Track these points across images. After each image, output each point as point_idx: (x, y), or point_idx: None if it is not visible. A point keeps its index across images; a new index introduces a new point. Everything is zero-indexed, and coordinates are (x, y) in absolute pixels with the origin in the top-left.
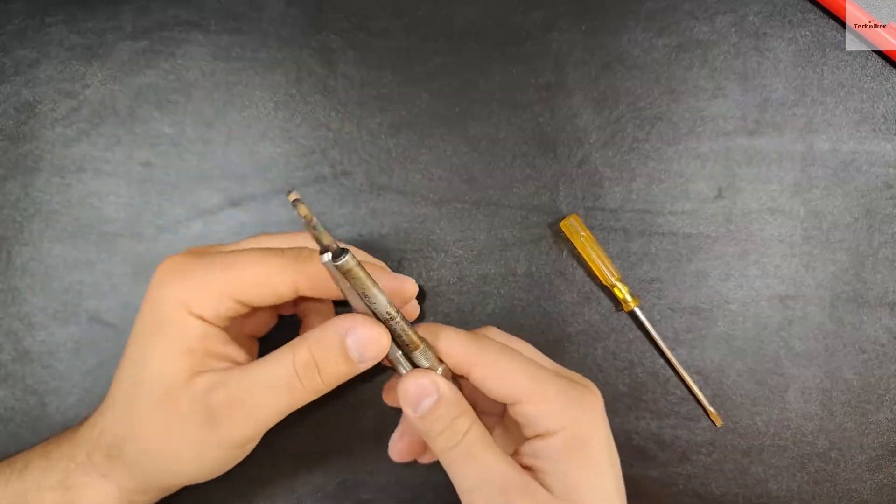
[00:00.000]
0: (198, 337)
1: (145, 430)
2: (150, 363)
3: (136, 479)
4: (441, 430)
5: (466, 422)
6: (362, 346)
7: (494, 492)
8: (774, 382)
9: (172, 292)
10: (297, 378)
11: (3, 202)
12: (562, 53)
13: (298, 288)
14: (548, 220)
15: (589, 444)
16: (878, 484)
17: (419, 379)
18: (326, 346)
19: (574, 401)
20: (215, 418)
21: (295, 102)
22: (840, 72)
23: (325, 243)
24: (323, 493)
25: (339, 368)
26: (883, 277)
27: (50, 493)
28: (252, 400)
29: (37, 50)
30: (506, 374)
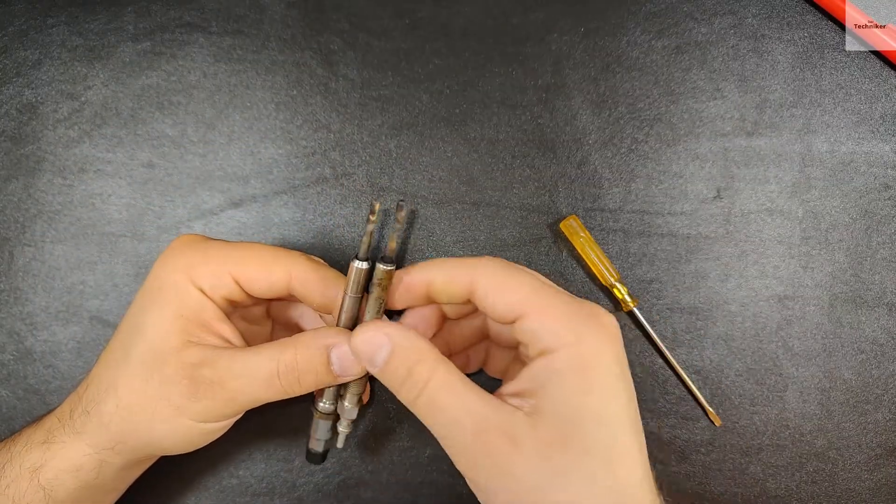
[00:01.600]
0: (194, 306)
1: (128, 386)
2: (145, 323)
3: (109, 435)
4: (402, 381)
5: (426, 368)
6: (345, 363)
7: (467, 436)
8: (773, 382)
9: (177, 261)
10: (277, 377)
11: (6, 203)
12: (561, 55)
13: (292, 281)
14: (547, 220)
15: (595, 365)
16: (876, 483)
17: (367, 333)
18: (311, 356)
19: (581, 318)
20: (197, 391)
21: (296, 104)
22: (838, 73)
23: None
24: (323, 493)
25: (319, 378)
26: (881, 278)
27: (35, 449)
28: (233, 385)
29: (39, 51)
30: (507, 288)
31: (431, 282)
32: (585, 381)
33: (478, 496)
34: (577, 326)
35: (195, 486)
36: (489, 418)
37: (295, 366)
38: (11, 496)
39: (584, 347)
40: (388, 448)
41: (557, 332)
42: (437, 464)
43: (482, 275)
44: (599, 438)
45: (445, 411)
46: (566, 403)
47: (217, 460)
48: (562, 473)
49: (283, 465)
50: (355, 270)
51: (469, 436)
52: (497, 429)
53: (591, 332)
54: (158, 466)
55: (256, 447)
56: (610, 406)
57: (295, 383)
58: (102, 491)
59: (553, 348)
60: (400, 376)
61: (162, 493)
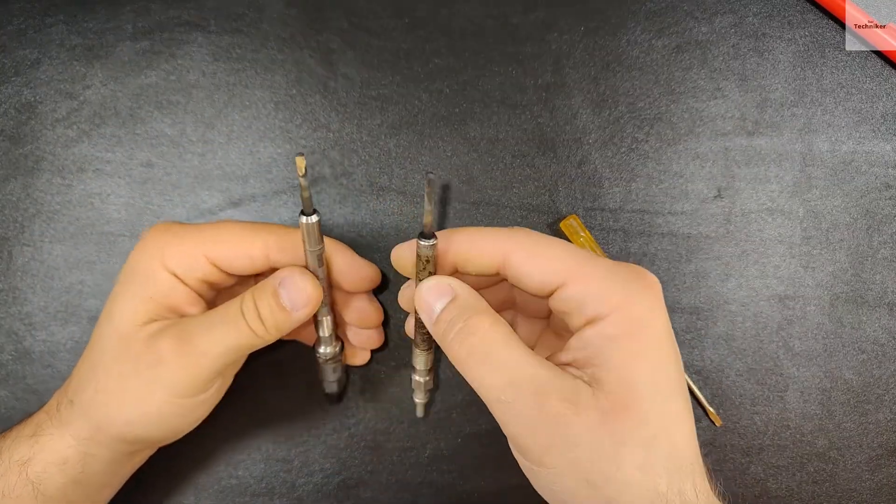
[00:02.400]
0: (163, 289)
1: (102, 373)
2: (116, 310)
3: (90, 426)
4: (458, 331)
5: (486, 320)
6: (292, 295)
7: (527, 396)
8: (774, 382)
9: (151, 246)
10: (242, 317)
11: (4, 202)
12: (561, 54)
13: (270, 254)
14: (547, 220)
15: (647, 327)
16: (877, 483)
17: (431, 282)
18: (264, 293)
19: (627, 279)
20: (161, 360)
21: (295, 103)
22: (839, 72)
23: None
24: (323, 493)
25: (276, 315)
26: (882, 277)
27: (24, 443)
28: (199, 338)
29: (37, 50)
30: (546, 256)
31: (461, 252)
32: (639, 346)
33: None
34: (624, 287)
35: (195, 487)
36: (551, 382)
37: (254, 305)
38: (1, 490)
39: (634, 310)
40: (388, 448)
41: (604, 297)
42: (437, 464)
43: (516, 245)
44: (656, 406)
45: (502, 370)
46: (622, 370)
47: (216, 461)
48: (621, 441)
49: (283, 465)
50: (306, 226)
51: (529, 399)
52: (559, 394)
53: (639, 292)
54: (158, 467)
55: (256, 447)
56: (663, 372)
57: (257, 321)
58: (91, 487)
59: (602, 314)
60: (456, 326)
61: (161, 494)
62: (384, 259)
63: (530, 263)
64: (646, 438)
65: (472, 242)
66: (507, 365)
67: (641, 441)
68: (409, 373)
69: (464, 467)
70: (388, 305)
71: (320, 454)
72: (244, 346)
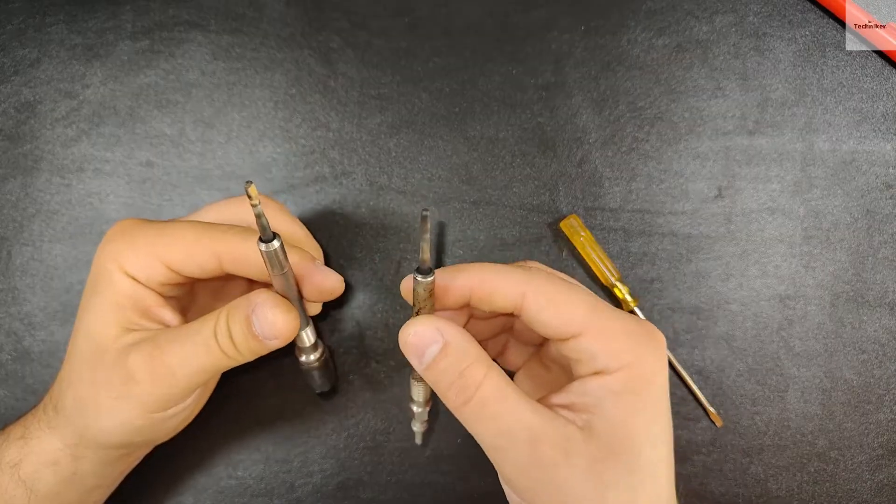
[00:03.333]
0: (128, 294)
1: (78, 381)
2: (87, 317)
3: (73, 431)
4: (450, 382)
5: (479, 371)
6: (264, 326)
7: (521, 444)
8: (774, 382)
9: (110, 251)
10: (215, 339)
11: (4, 202)
12: (562, 53)
13: (222, 262)
14: (547, 219)
15: (650, 387)
16: (877, 484)
17: (419, 326)
18: (237, 320)
19: (639, 339)
20: (134, 375)
21: (295, 102)
22: (840, 72)
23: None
24: (322, 493)
25: (249, 342)
26: (883, 277)
27: (14, 445)
28: (170, 358)
29: (37, 50)
30: (565, 304)
31: (477, 289)
32: (639, 402)
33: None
34: (636, 347)
35: (194, 487)
36: (543, 430)
37: (226, 327)
38: None
39: (641, 369)
40: (388, 448)
41: (617, 354)
42: (437, 464)
43: (536, 290)
44: (646, 455)
45: (497, 420)
46: (620, 422)
47: (216, 461)
48: (608, 486)
49: (282, 465)
50: (265, 254)
51: (523, 446)
52: (551, 441)
53: (649, 353)
54: (158, 467)
55: (255, 448)
56: (656, 425)
57: (230, 346)
58: (84, 487)
59: (610, 369)
60: (449, 377)
61: (161, 494)
62: (383, 259)
63: (549, 310)
64: (631, 484)
65: (491, 281)
66: (503, 414)
67: (627, 486)
68: (409, 373)
69: (464, 467)
70: (387, 307)
71: (319, 455)
72: (216, 366)
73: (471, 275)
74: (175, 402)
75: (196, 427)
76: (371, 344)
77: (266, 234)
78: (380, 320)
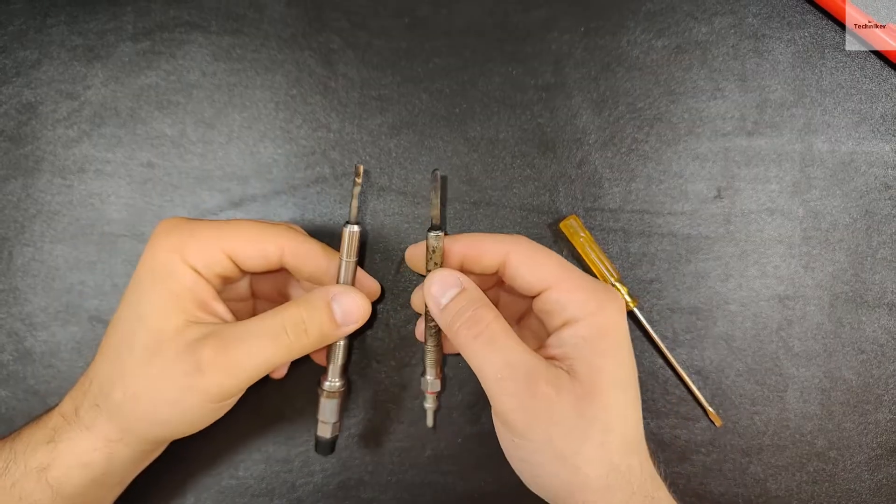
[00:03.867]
0: (189, 286)
1: (133, 374)
2: (143, 309)
3: (119, 427)
4: (464, 319)
5: (490, 312)
6: (346, 308)
7: (520, 378)
8: (773, 382)
9: (168, 242)
10: (285, 331)
11: (5, 203)
12: (561, 54)
13: (284, 254)
14: (547, 220)
15: (612, 332)
16: (876, 483)
17: (442, 273)
18: (314, 307)
19: (599, 291)
20: (201, 366)
21: (295, 103)
22: (839, 73)
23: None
24: (323, 493)
25: (324, 328)
26: (881, 278)
27: (40, 449)
28: (239, 350)
29: (38, 51)
30: (539, 262)
31: (467, 251)
32: (606, 346)
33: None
34: (598, 298)
35: (195, 487)
36: (540, 368)
37: (301, 319)
38: (18, 494)
39: (604, 317)
40: (388, 448)
41: (581, 303)
42: (437, 464)
43: (515, 250)
44: (615, 395)
45: (503, 352)
46: (592, 364)
47: (217, 461)
48: (589, 422)
49: (283, 465)
50: (349, 234)
51: (522, 379)
52: (546, 378)
53: (609, 304)
54: (158, 467)
55: (256, 448)
56: (622, 369)
57: (302, 336)
58: (109, 485)
59: (578, 318)
60: (464, 315)
61: (161, 494)
62: (383, 259)
63: (526, 266)
64: (606, 421)
65: (480, 243)
66: (506, 348)
67: (603, 423)
68: (409, 373)
69: (464, 467)
70: (388, 307)
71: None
72: (282, 359)
73: (462, 241)
74: (237, 392)
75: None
76: (371, 344)
77: (354, 218)
78: (380, 320)
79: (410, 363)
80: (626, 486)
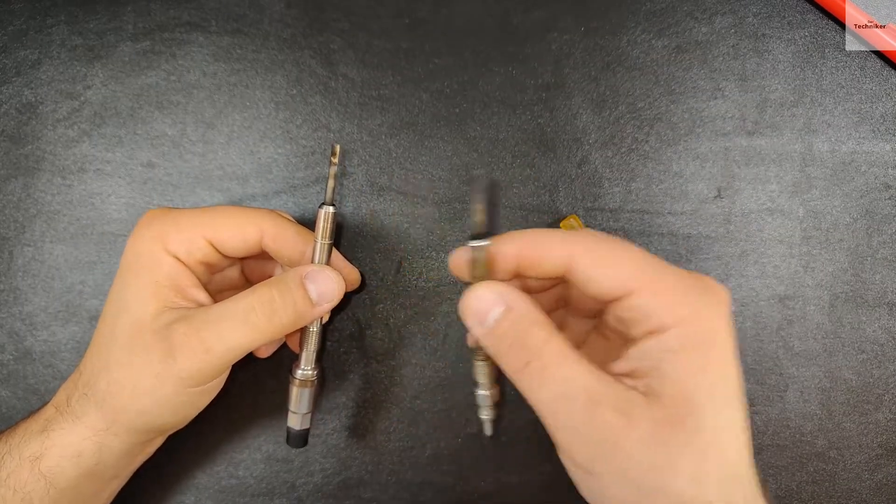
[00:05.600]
0: (169, 273)
1: (115, 363)
2: (126, 299)
3: (105, 417)
4: (511, 344)
5: (541, 334)
6: (321, 287)
7: (578, 409)
8: (773, 382)
9: (150, 232)
10: (254, 311)
11: (5, 202)
12: (561, 54)
13: (264, 238)
14: (547, 220)
15: (711, 340)
16: (877, 483)
17: (481, 290)
18: (286, 287)
19: (695, 290)
20: (174, 350)
21: (296, 103)
22: (839, 72)
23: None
24: (322, 493)
25: (298, 307)
26: (882, 277)
27: (34, 439)
28: (209, 332)
29: (38, 51)
30: (615, 261)
31: (524, 256)
32: (701, 360)
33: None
34: (693, 301)
35: (195, 487)
36: (604, 393)
37: (272, 298)
38: (12, 485)
39: (700, 324)
40: (388, 448)
41: (672, 309)
42: (437, 464)
43: (584, 249)
44: (712, 418)
45: (557, 382)
46: (681, 383)
47: (216, 461)
48: (675, 452)
49: (283, 465)
50: (323, 215)
51: (581, 409)
52: (611, 404)
53: (707, 306)
54: (158, 466)
55: (256, 448)
56: (723, 385)
57: (273, 315)
58: (103, 478)
59: (666, 326)
60: (510, 340)
61: (161, 494)
62: (384, 259)
63: (599, 269)
64: (699, 449)
65: (539, 245)
66: (563, 377)
67: (694, 452)
68: (409, 372)
69: (464, 467)
70: (387, 307)
71: (320, 454)
72: (254, 340)
73: (517, 241)
74: (212, 375)
75: (197, 426)
76: (371, 344)
77: (330, 198)
78: (380, 320)
79: (410, 363)
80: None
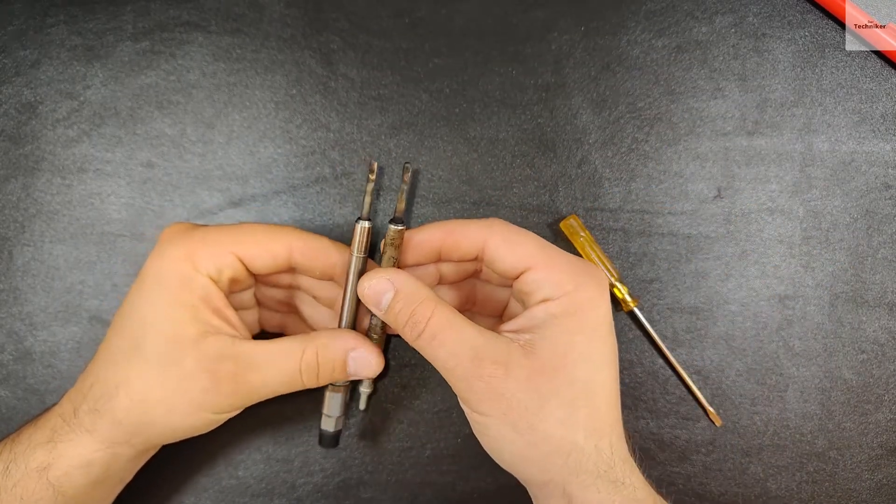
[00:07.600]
0: (201, 293)
1: (142, 380)
2: (155, 315)
3: (123, 430)
4: (405, 321)
5: (428, 308)
6: (360, 364)
7: (466, 363)
8: (773, 382)
9: (178, 248)
10: (299, 374)
11: (5, 203)
12: (561, 54)
13: (293, 253)
14: (547, 220)
15: (586, 309)
16: (876, 483)
17: (372, 280)
18: (332, 357)
19: (579, 270)
20: (219, 385)
21: (295, 103)
22: (839, 72)
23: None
24: (322, 493)
25: (335, 375)
26: (882, 277)
27: (39, 450)
28: (255, 376)
29: (38, 51)
30: (518, 243)
31: (444, 239)
32: (577, 323)
33: (472, 419)
34: (577, 277)
35: (194, 487)
36: (486, 348)
37: (315, 364)
38: (19, 495)
39: (580, 295)
40: (388, 448)
41: (559, 283)
42: (437, 464)
43: (494, 233)
44: (583, 372)
45: (445, 345)
46: (557, 340)
47: (217, 461)
48: (546, 398)
49: (283, 465)
50: (360, 230)
51: (467, 363)
52: (491, 356)
53: (587, 282)
54: (158, 467)
55: (256, 448)
56: (595, 346)
57: (313, 379)
58: (110, 484)
59: (554, 296)
60: (403, 317)
61: (161, 494)
62: None
63: (505, 248)
64: (569, 398)
65: (459, 231)
66: (450, 340)
67: (564, 399)
68: (408, 372)
69: (464, 467)
70: None
71: (320, 454)
72: (291, 389)
73: (441, 228)
74: (243, 407)
75: None
76: None
77: (367, 214)
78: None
79: (410, 363)
80: (592, 467)
